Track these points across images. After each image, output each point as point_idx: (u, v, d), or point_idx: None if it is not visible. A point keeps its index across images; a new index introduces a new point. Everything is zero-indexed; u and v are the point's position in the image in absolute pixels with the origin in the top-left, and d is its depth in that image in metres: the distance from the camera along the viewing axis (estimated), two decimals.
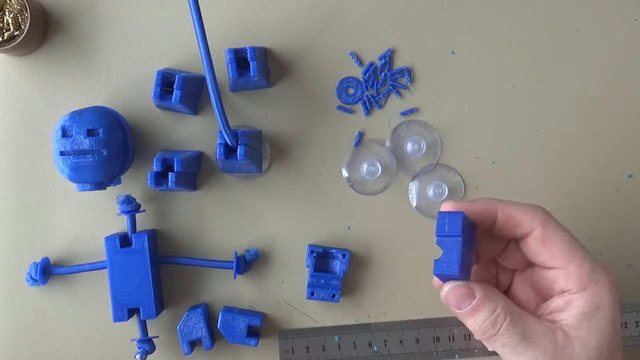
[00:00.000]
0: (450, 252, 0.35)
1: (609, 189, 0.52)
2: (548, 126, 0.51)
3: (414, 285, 0.51)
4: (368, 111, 0.51)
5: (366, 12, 0.51)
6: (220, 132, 0.45)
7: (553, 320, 0.36)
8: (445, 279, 0.37)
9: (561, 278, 0.36)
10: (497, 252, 0.41)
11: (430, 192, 0.50)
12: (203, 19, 0.42)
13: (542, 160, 0.52)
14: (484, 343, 0.37)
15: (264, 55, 0.50)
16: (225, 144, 0.46)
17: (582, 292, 0.36)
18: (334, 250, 0.49)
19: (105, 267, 0.47)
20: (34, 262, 0.48)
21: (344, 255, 0.49)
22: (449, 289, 0.36)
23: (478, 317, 0.36)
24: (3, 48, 0.47)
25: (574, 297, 0.36)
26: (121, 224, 0.49)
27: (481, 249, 0.40)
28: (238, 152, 0.45)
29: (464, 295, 0.36)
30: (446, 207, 0.38)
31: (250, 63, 0.46)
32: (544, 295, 0.38)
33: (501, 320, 0.35)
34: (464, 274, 0.36)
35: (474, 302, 0.36)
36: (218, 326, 0.48)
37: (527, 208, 0.37)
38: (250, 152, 0.47)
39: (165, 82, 0.47)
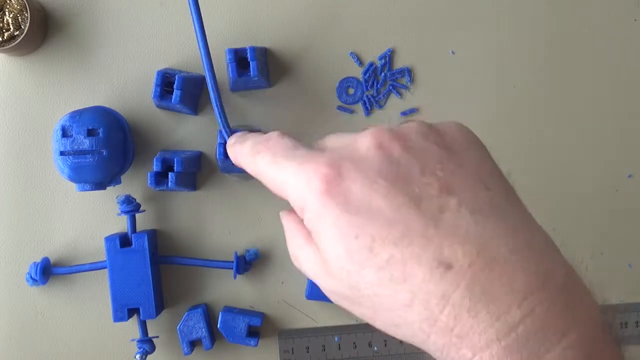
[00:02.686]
0: None
1: (609, 189, 0.52)
2: (548, 126, 0.51)
3: None
4: (368, 111, 0.51)
5: (366, 12, 0.51)
6: (220, 132, 0.45)
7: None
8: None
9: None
10: None
11: None
12: (203, 19, 0.42)
13: (542, 160, 0.52)
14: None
15: (264, 55, 0.50)
16: (225, 143, 0.46)
17: (303, 217, 0.31)
18: None
19: (105, 267, 0.47)
20: (34, 262, 0.48)
21: None
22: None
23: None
24: (3, 48, 0.47)
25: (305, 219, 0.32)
26: (121, 224, 0.49)
27: None
28: None
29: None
30: None
31: (250, 63, 0.46)
32: None
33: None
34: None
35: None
36: (218, 326, 0.48)
37: (245, 155, 0.35)
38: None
39: (165, 82, 0.47)
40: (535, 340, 0.25)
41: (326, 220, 0.29)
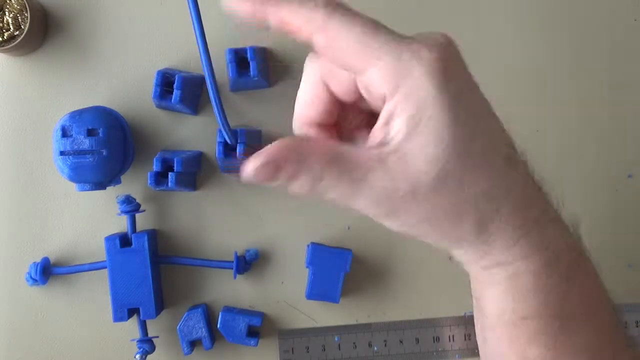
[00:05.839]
0: None
1: (609, 189, 0.52)
2: (548, 126, 0.51)
3: (414, 285, 0.51)
4: None
5: (366, 12, 0.51)
6: (220, 131, 0.45)
7: (386, 142, 0.29)
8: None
9: (371, 86, 0.29)
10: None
11: None
12: (203, 19, 0.42)
13: (542, 160, 0.51)
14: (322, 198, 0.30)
15: (264, 55, 0.50)
16: (225, 142, 0.46)
17: (394, 96, 0.28)
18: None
19: (105, 267, 0.47)
20: (34, 262, 0.48)
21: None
22: (255, 170, 0.29)
23: (298, 182, 0.29)
24: (3, 48, 0.47)
25: (389, 105, 0.28)
26: (121, 224, 0.49)
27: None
28: (237, 150, 0.45)
29: (271, 170, 0.29)
30: None
31: (250, 63, 0.46)
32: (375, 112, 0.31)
33: (320, 174, 0.29)
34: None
35: (286, 172, 0.29)
36: (218, 326, 0.48)
37: (305, 8, 0.29)
38: (250, 151, 0.47)
39: (165, 82, 0.47)
40: (546, 235, 0.33)
41: (438, 100, 0.28)
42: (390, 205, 0.30)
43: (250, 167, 0.29)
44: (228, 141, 0.45)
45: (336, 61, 0.30)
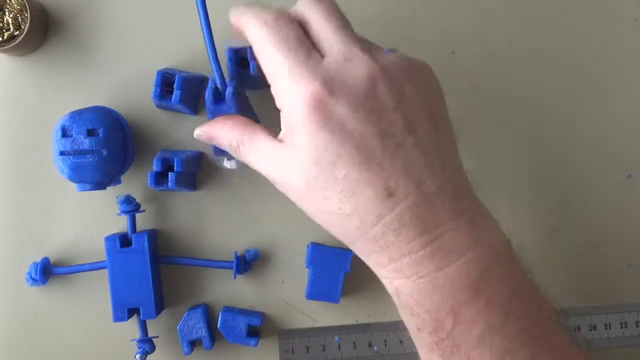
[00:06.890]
0: None
1: (609, 189, 0.52)
2: (548, 126, 0.51)
3: None
4: None
5: (366, 12, 0.51)
6: (211, 79, 0.43)
7: (281, 139, 0.37)
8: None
9: (274, 95, 0.37)
10: None
11: None
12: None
13: (542, 161, 0.52)
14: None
15: None
16: (215, 87, 0.43)
17: (281, 110, 0.36)
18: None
19: (105, 267, 0.47)
20: (34, 262, 0.48)
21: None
22: (197, 136, 0.43)
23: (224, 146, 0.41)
24: (3, 48, 0.47)
25: (281, 114, 0.36)
26: (121, 224, 0.49)
27: None
28: (226, 94, 0.43)
29: (205, 139, 0.42)
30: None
31: (250, 63, 0.46)
32: None
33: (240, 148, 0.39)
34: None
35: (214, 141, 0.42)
36: (218, 326, 0.48)
37: (249, 24, 0.38)
38: None
39: (165, 82, 0.47)
40: (439, 256, 0.33)
41: (305, 128, 0.34)
42: (286, 192, 0.37)
43: (196, 132, 0.42)
44: (218, 85, 0.43)
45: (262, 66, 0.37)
